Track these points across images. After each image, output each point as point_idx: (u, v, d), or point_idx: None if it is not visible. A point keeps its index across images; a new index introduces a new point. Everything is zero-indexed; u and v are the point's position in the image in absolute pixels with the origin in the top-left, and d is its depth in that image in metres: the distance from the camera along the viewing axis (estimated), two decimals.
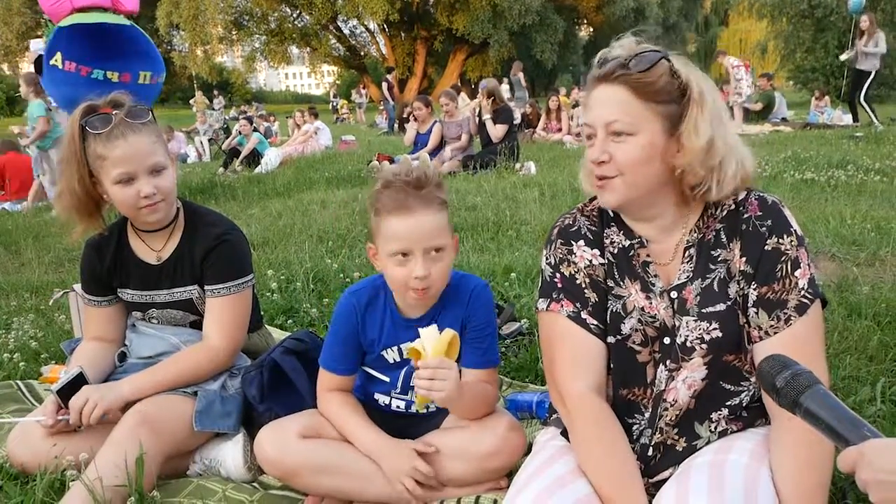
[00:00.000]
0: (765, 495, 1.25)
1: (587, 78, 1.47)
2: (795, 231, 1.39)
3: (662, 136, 1.36)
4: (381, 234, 1.62)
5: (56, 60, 6.13)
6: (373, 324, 1.75)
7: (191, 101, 15.58)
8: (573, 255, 1.50)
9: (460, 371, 1.69)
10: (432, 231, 1.59)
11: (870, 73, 11.26)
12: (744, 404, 1.44)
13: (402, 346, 1.76)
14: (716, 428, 1.43)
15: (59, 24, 6.19)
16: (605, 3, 34.60)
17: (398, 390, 1.82)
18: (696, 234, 1.45)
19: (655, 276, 1.46)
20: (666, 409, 1.43)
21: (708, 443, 1.42)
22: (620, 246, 1.50)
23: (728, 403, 1.44)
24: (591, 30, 40.34)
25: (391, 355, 1.78)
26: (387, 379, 1.82)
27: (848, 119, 12.29)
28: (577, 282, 1.49)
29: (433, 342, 1.53)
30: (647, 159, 1.36)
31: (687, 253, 1.45)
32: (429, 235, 1.59)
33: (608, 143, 1.37)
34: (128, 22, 6.34)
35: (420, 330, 1.55)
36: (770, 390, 1.04)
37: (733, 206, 1.44)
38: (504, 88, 15.56)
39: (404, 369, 1.79)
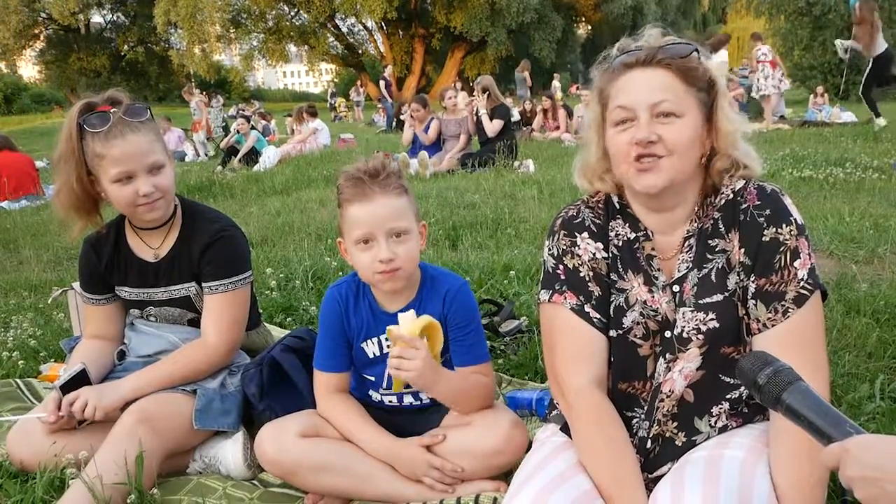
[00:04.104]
0: (760, 490, 1.25)
1: (612, 65, 1.45)
2: (795, 220, 1.38)
3: (702, 121, 1.40)
4: (346, 223, 1.69)
5: None
6: (356, 315, 1.79)
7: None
8: (577, 248, 1.50)
9: (451, 365, 1.72)
10: (391, 214, 1.65)
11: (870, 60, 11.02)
12: (744, 398, 1.44)
13: (381, 337, 1.78)
14: (716, 423, 1.43)
15: None
16: (603, 1, 34.57)
17: (384, 386, 1.83)
18: (695, 224, 1.45)
19: (659, 269, 1.46)
20: (662, 399, 1.43)
21: (707, 438, 1.42)
22: (625, 238, 1.50)
23: (728, 397, 1.43)
24: (590, 28, 40.35)
25: (370, 348, 1.80)
26: (372, 378, 1.83)
27: (847, 117, 12.24)
28: (581, 275, 1.49)
29: (409, 326, 1.58)
30: (694, 141, 1.39)
31: (687, 243, 1.45)
32: (389, 218, 1.64)
33: (654, 125, 1.37)
34: None
35: (399, 315, 1.60)
36: (751, 387, 1.03)
37: (731, 196, 1.43)
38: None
39: (385, 366, 1.80)
